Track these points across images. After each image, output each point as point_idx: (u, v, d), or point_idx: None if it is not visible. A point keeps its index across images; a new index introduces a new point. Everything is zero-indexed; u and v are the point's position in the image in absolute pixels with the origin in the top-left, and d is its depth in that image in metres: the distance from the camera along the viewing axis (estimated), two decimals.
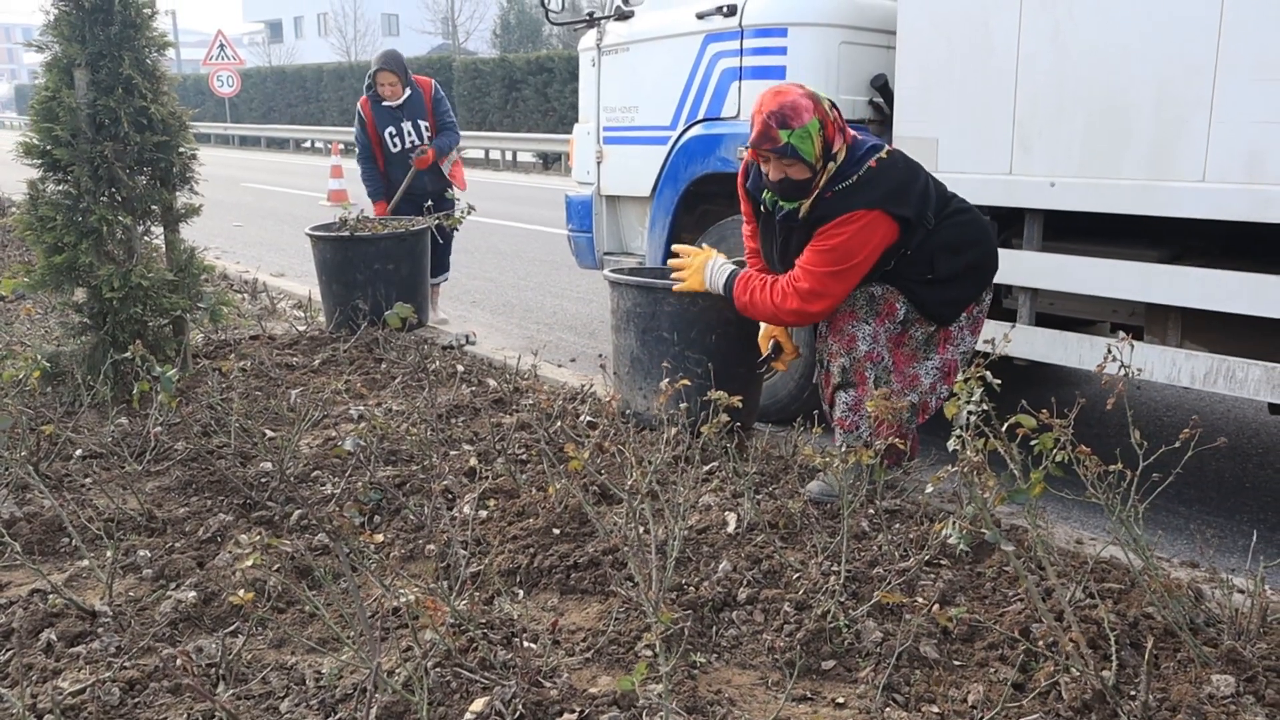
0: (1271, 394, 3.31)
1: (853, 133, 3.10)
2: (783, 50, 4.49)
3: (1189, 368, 3.49)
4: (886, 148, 3.10)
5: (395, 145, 6.12)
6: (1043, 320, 4.05)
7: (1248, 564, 2.32)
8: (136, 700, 2.05)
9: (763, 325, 3.45)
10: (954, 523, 2.17)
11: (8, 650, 2.24)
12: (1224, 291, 3.36)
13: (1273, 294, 3.24)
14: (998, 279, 3.96)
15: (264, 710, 2.03)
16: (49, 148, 3.87)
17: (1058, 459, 2.16)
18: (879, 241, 3.02)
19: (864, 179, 3.01)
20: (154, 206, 4.11)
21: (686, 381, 2.73)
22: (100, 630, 2.31)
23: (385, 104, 6.03)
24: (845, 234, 2.99)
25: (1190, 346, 3.62)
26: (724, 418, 2.80)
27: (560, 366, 4.93)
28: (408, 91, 6.06)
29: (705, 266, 3.35)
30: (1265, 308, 3.27)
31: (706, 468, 3.22)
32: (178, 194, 4.20)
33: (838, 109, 3.06)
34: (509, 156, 23.50)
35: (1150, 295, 3.59)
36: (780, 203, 3.13)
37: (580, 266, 5.96)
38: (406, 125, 6.14)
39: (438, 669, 2.05)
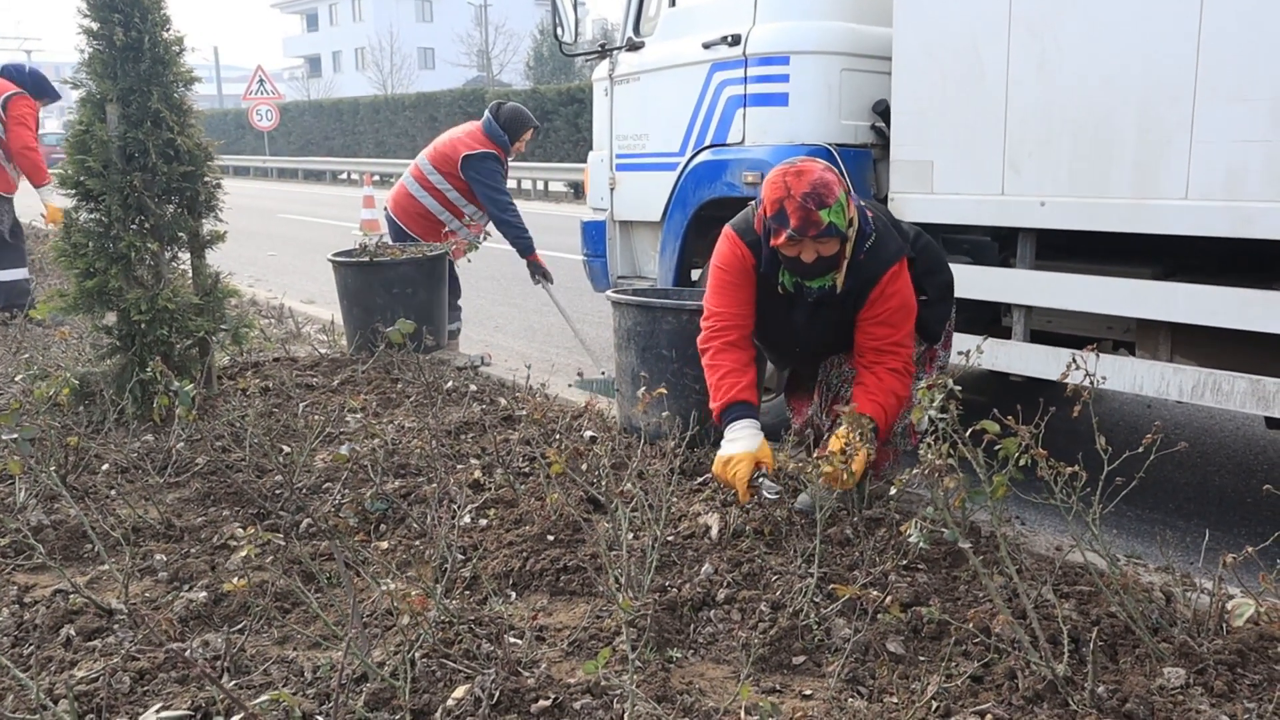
0: (1256, 406, 3.38)
1: None
2: (785, 78, 4.63)
3: (1177, 381, 3.56)
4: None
5: None
6: (1040, 338, 4.13)
7: (1220, 573, 2.39)
8: (145, 689, 2.19)
9: (731, 473, 3.02)
10: (916, 523, 2.27)
11: (30, 644, 2.40)
12: (1210, 306, 3.44)
13: (1257, 308, 3.32)
14: (992, 297, 4.08)
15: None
16: (82, 178, 4.08)
17: (1021, 463, 2.26)
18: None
19: (880, 231, 3.02)
20: (181, 233, 4.30)
21: (663, 390, 2.85)
22: (116, 626, 2.47)
23: (510, 159, 6.00)
24: (899, 288, 3.02)
25: (1180, 361, 3.69)
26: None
27: (570, 386, 5.07)
28: None
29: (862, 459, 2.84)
30: (1250, 322, 3.34)
31: (700, 479, 3.33)
32: (203, 221, 4.39)
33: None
34: (540, 186, 23.83)
35: (1139, 311, 3.67)
36: (808, 283, 3.04)
37: (595, 290, 6.11)
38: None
39: (425, 659, 2.17)
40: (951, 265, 3.47)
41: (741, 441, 3.02)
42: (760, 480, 2.97)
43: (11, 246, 6.90)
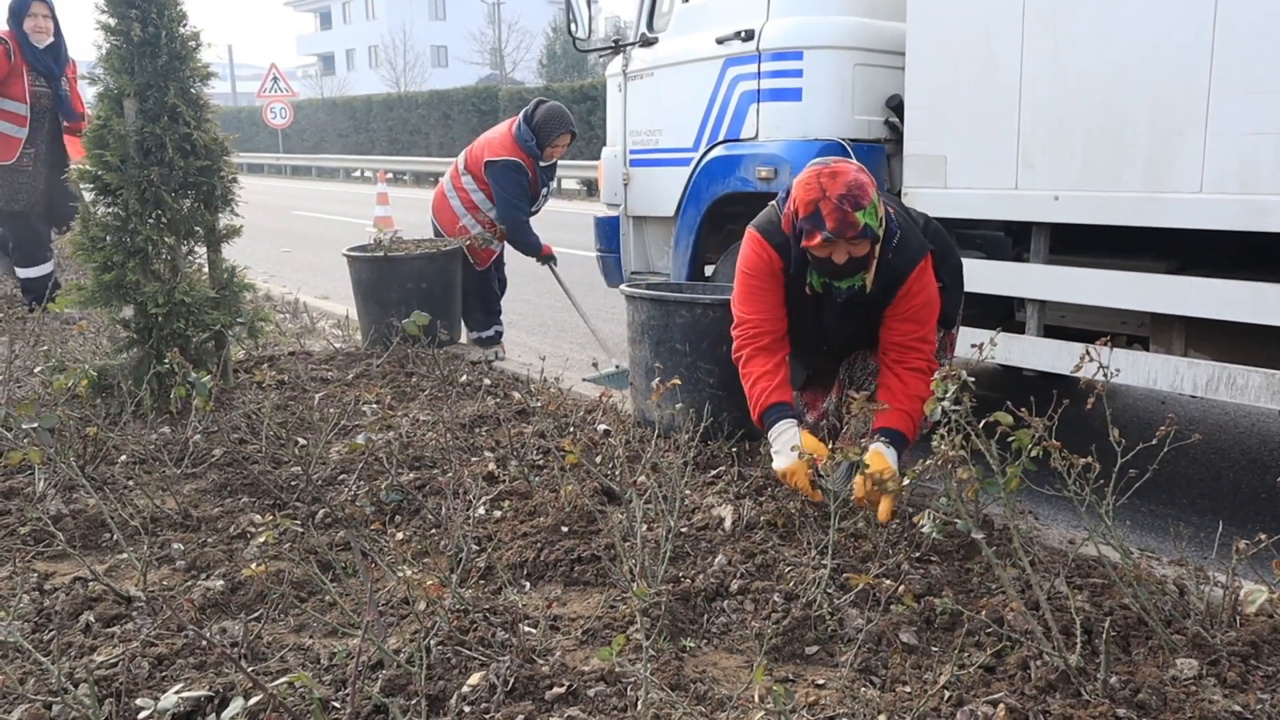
0: (1271, 400, 3.37)
1: None
2: (799, 73, 4.64)
3: (1191, 376, 3.56)
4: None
5: (536, 206, 5.94)
6: (1053, 333, 4.13)
7: (1233, 565, 2.39)
8: (164, 674, 2.21)
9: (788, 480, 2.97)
10: (929, 514, 2.28)
11: (50, 630, 2.43)
12: (1224, 300, 3.43)
13: (1272, 302, 3.30)
14: (1006, 291, 4.07)
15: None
16: (100, 173, 4.11)
17: (1034, 455, 2.26)
18: None
19: (903, 228, 3.02)
20: (197, 227, 4.33)
21: (677, 383, 2.86)
22: (134, 614, 2.49)
23: (543, 164, 5.80)
24: (926, 284, 3.04)
25: (1195, 355, 3.68)
26: None
27: (585, 380, 5.09)
28: None
29: (892, 472, 2.80)
30: (1265, 315, 3.33)
31: (714, 472, 3.34)
32: (219, 215, 4.42)
33: None
34: (554, 183, 23.82)
35: (1152, 305, 3.66)
36: (837, 284, 3.04)
37: (608, 285, 6.12)
38: (551, 185, 5.99)
39: (440, 647, 2.19)
40: (965, 260, 3.48)
41: (783, 456, 2.96)
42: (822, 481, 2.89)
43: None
